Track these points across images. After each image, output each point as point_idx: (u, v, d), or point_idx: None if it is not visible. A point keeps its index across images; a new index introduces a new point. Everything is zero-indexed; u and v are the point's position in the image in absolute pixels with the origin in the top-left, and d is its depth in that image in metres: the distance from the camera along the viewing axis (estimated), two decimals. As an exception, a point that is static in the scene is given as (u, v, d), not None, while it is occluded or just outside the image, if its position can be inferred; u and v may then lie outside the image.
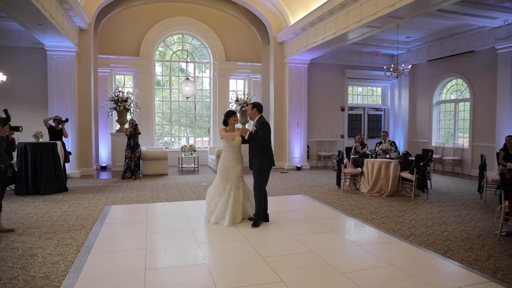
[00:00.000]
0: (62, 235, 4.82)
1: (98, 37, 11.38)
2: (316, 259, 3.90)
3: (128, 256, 4.03)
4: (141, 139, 12.34)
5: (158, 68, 12.98)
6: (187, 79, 12.26)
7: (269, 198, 7.25)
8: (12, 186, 7.53)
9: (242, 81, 13.82)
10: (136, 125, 9.86)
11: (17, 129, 4.92)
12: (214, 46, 12.88)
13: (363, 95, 14.02)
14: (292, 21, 11.06)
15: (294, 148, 12.01)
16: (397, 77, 10.26)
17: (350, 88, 13.56)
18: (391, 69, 10.22)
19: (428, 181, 8.36)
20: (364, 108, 13.73)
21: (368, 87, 14.04)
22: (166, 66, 13.13)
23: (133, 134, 9.82)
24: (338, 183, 8.21)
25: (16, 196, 7.30)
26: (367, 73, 13.23)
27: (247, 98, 12.62)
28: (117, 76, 12.49)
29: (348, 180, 8.31)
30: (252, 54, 13.17)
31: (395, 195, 7.51)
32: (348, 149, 9.41)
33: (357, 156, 8.24)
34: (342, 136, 13.20)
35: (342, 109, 13.20)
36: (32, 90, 10.16)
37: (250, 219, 5.32)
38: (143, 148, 11.39)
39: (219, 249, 4.28)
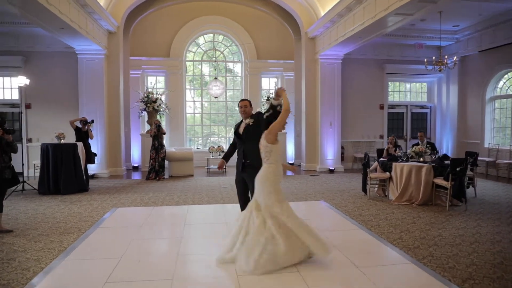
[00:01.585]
0: (53, 238, 4.75)
1: (130, 39, 11.60)
2: (295, 281, 3.35)
3: (98, 265, 3.80)
4: (171, 140, 12.48)
5: (189, 68, 12.95)
6: (216, 78, 12.07)
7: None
8: (36, 186, 7.83)
9: (275, 79, 13.35)
10: (159, 125, 9.84)
11: (11, 131, 4.96)
12: (244, 44, 12.55)
13: (406, 91, 12.82)
14: (322, 14, 10.35)
15: (326, 149, 11.28)
16: (440, 70, 9.14)
17: (390, 85, 12.46)
18: (433, 62, 9.13)
19: (472, 188, 7.30)
20: (406, 106, 12.54)
21: (412, 83, 12.80)
22: (196, 66, 13.07)
23: (157, 135, 9.81)
24: (364, 189, 7.43)
25: (37, 195, 7.55)
26: (409, 68, 12.05)
27: (278, 97, 12.10)
28: (149, 78, 12.66)
29: (376, 185, 7.50)
30: (285, 51, 12.65)
31: (428, 204, 6.58)
32: (380, 151, 8.54)
33: (386, 159, 7.40)
34: (381, 137, 12.16)
35: (381, 107, 12.16)
36: (65, 93, 10.59)
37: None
38: (172, 149, 11.42)
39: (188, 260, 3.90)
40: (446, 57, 9.19)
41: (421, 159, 7.05)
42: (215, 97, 12.28)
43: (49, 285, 3.34)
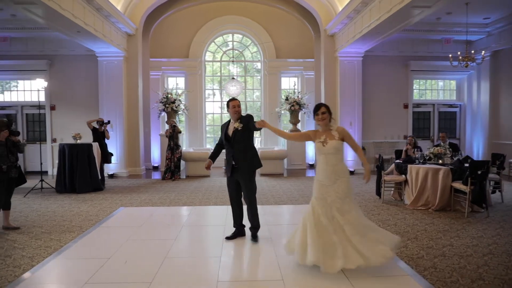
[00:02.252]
0: (54, 236, 4.85)
1: (150, 41, 11.80)
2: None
3: (85, 265, 3.79)
4: (190, 140, 12.56)
5: (208, 69, 12.98)
6: (233, 78, 12.02)
7: (288, 207, 6.64)
8: (53, 184, 8.10)
9: (295, 78, 13.11)
10: (175, 126, 9.91)
11: (17, 133, 5.12)
12: (263, 43, 12.41)
13: (432, 89, 12.13)
14: (340, 9, 10.00)
15: (346, 150, 10.86)
16: (466, 66, 8.54)
17: (415, 83, 11.85)
18: (459, 58, 8.55)
19: (499, 193, 6.74)
20: (433, 105, 11.87)
21: (439, 81, 12.10)
22: (216, 66, 13.08)
23: (172, 135, 9.88)
24: (378, 193, 7.06)
25: (55, 193, 7.81)
26: (436, 64, 11.38)
27: (297, 96, 11.87)
28: (169, 79, 12.82)
29: (392, 189, 7.12)
30: (305, 50, 12.37)
31: (446, 209, 6.13)
32: (398, 152, 8.11)
33: (401, 161, 6.99)
34: (406, 137, 11.54)
35: (405, 106, 11.58)
36: (87, 94, 10.92)
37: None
38: (190, 149, 11.50)
39: (180, 265, 3.81)
40: (473, 52, 8.56)
41: (440, 161, 6.59)
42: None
43: (29, 283, 3.37)
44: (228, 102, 4.43)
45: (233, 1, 12.15)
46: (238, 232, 4.68)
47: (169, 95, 11.46)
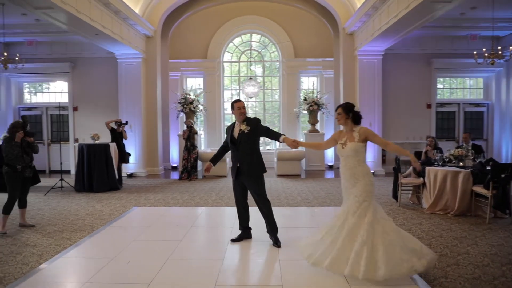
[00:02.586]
0: (65, 234, 4.97)
1: (169, 43, 11.95)
2: None
3: (88, 265, 3.85)
4: (209, 140, 12.63)
5: (226, 69, 13.00)
6: (251, 78, 11.98)
7: (294, 209, 6.51)
8: (73, 183, 8.33)
9: (314, 78, 12.93)
10: (191, 126, 9.97)
11: (32, 134, 5.26)
12: (282, 43, 12.30)
13: (458, 88, 11.61)
14: (358, 7, 9.74)
15: (366, 150, 10.59)
16: (492, 63, 8.11)
17: (439, 81, 11.38)
18: (485, 55, 8.13)
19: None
20: (459, 104, 11.36)
21: (465, 79, 11.57)
22: (234, 66, 13.08)
23: (189, 136, 9.95)
24: (395, 196, 6.81)
25: (73, 192, 8.03)
26: (462, 62, 10.88)
27: (316, 96, 11.68)
28: (188, 79, 12.94)
29: (410, 192, 6.85)
30: (324, 49, 12.18)
31: (467, 215, 5.82)
32: (418, 154, 7.80)
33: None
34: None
35: (429, 106, 11.15)
36: (107, 96, 11.18)
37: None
38: (208, 149, 11.56)
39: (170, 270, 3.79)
40: (499, 48, 8.12)
41: (461, 164, 6.27)
42: (250, 98, 12.19)
43: (33, 281, 3.44)
44: (232, 103, 4.37)
45: (251, 1, 12.11)
46: (244, 235, 4.61)
47: (187, 96, 11.58)
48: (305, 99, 11.67)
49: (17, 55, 8.63)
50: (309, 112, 11.58)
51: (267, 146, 13.03)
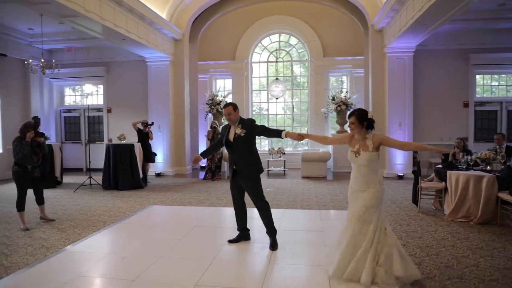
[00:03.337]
0: (78, 229, 5.25)
1: (199, 45, 12.22)
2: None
3: (83, 260, 4.03)
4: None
5: (255, 70, 13.02)
6: (277, 79, 11.90)
7: (303, 211, 6.34)
8: (100, 181, 8.78)
9: (344, 77, 12.58)
10: (215, 127, 10.11)
11: (41, 134, 5.54)
12: (310, 42, 12.10)
13: (500, 85, 10.68)
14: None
15: (395, 152, 10.13)
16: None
17: (478, 78, 10.55)
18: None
19: None
20: (501, 103, 10.44)
21: (508, 75, 10.61)
22: (262, 67, 13.06)
23: (213, 136, 10.10)
24: (414, 200, 6.43)
25: (101, 190, 8.46)
26: (504, 57, 10.01)
27: (345, 96, 11.35)
28: (217, 81, 13.13)
29: (432, 197, 6.43)
30: (354, 47, 11.82)
31: (492, 223, 5.34)
32: (446, 156, 7.29)
33: (441, 167, 6.27)
34: (466, 139, 10.35)
35: (466, 105, 10.37)
36: (138, 97, 11.65)
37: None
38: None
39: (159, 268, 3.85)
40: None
41: (488, 167, 5.77)
42: (276, 98, 12.11)
43: (32, 272, 3.67)
44: (223, 107, 4.36)
45: (279, 0, 12.04)
46: (242, 236, 4.60)
47: (215, 97, 11.78)
48: (333, 99, 11.40)
49: (53, 61, 9.29)
50: (337, 112, 11.30)
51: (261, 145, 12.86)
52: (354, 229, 3.38)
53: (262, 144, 13.11)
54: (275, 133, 4.25)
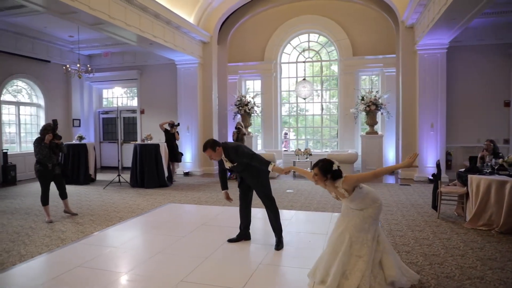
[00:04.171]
0: (95, 224, 5.59)
1: (228, 47, 12.44)
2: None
3: (85, 252, 4.27)
4: (265, 141, 12.76)
5: (284, 70, 12.98)
6: (304, 79, 11.79)
7: (315, 213, 6.26)
8: (128, 179, 9.23)
9: (375, 76, 12.16)
10: (239, 128, 10.23)
11: (58, 137, 5.93)
12: (339, 40, 11.85)
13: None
14: (415, -3, 8.88)
15: (426, 155, 9.63)
16: None
17: (522, 75, 9.71)
18: None
19: None
20: (548, 102, 9.55)
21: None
22: (291, 67, 12.98)
23: (237, 137, 10.23)
24: (434, 205, 6.08)
25: (129, 187, 8.90)
26: (552, 51, 9.14)
27: (374, 96, 10.99)
28: (247, 82, 13.27)
29: (455, 202, 6.05)
30: (385, 45, 11.39)
31: (516, 233, 4.93)
32: (473, 159, 6.83)
33: (463, 170, 5.88)
34: (507, 141, 9.60)
35: (507, 104, 9.58)
36: (168, 99, 12.11)
37: None
38: (262, 150, 11.75)
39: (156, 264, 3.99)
40: None
41: (515, 172, 5.33)
42: (304, 99, 11.99)
43: (39, 261, 3.99)
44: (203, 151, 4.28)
45: (307, 0, 11.91)
46: (242, 235, 4.66)
47: (243, 98, 11.93)
48: (362, 99, 11.08)
49: (88, 65, 9.93)
50: (367, 113, 10.97)
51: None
52: (351, 237, 3.26)
53: (290, 145, 13.05)
54: (263, 163, 4.12)
